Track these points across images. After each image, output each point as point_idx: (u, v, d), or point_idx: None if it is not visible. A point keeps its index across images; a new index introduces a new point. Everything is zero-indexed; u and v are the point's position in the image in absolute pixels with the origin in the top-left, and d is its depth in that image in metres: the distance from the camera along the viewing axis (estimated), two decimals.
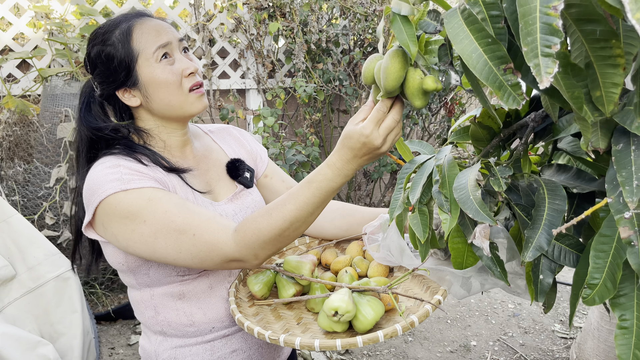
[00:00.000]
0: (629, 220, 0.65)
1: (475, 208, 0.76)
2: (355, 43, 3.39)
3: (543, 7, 0.51)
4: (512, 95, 0.58)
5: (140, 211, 0.92)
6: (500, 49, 0.59)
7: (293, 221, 0.89)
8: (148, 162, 1.01)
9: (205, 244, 0.91)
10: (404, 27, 0.69)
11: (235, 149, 1.21)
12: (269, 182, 1.24)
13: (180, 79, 1.02)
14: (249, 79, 3.34)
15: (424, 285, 1.03)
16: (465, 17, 0.61)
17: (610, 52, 0.58)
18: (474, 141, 0.90)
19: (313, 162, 2.76)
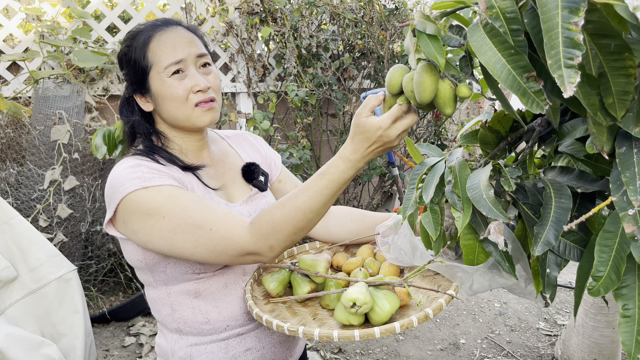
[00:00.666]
0: (632, 217, 0.71)
1: (489, 206, 0.81)
2: (345, 48, 3.45)
3: (565, 23, 0.57)
4: (536, 101, 0.64)
5: (159, 207, 0.95)
6: (522, 59, 0.64)
7: (306, 211, 0.92)
8: (165, 162, 1.06)
9: (221, 238, 0.94)
10: (430, 42, 0.74)
11: (250, 153, 1.25)
12: (282, 187, 1.28)
13: (187, 95, 1.04)
14: (240, 82, 3.37)
15: (435, 284, 1.07)
16: (487, 30, 0.67)
17: (623, 63, 0.65)
18: (481, 144, 0.96)
19: (305, 166, 2.80)
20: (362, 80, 3.54)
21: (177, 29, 1.07)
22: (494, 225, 0.80)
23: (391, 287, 1.00)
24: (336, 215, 1.30)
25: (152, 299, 1.11)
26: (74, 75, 2.79)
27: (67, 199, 2.55)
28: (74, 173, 2.58)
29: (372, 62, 3.40)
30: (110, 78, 2.90)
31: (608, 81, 0.67)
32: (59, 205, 2.49)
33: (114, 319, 2.72)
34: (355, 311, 0.91)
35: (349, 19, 3.32)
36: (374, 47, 3.26)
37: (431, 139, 3.45)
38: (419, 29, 0.74)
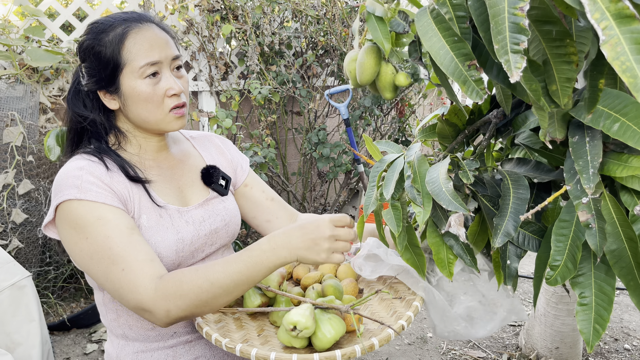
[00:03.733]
0: (586, 205, 0.72)
1: (448, 199, 0.81)
2: (308, 45, 3.43)
3: (511, 8, 0.56)
4: (476, 89, 0.64)
5: (85, 227, 0.92)
6: (465, 47, 0.64)
7: (215, 285, 0.89)
8: (113, 167, 1.01)
9: (128, 283, 0.90)
10: (378, 25, 0.73)
11: (214, 156, 1.21)
12: (248, 192, 1.24)
13: (161, 99, 1.01)
14: (202, 81, 3.32)
15: (390, 310, 1.04)
16: (434, 16, 0.66)
17: (565, 50, 0.65)
18: (440, 138, 0.96)
19: (270, 164, 2.77)
20: (326, 78, 3.53)
21: (153, 28, 1.02)
22: (454, 218, 0.80)
23: (339, 311, 0.96)
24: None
25: (98, 303, 1.09)
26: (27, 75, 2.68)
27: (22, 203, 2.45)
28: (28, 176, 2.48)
29: (335, 59, 3.40)
30: (66, 77, 2.80)
31: (551, 68, 0.67)
32: (13, 210, 2.39)
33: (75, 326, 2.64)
34: (296, 335, 0.88)
35: (311, 16, 3.31)
36: (337, 44, 3.25)
37: (395, 135, 3.47)
38: (369, 11, 0.73)
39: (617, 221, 0.73)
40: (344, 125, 3.52)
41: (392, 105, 3.36)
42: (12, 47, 2.61)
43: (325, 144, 3.14)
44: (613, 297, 0.76)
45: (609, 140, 0.73)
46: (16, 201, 2.42)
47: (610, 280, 0.76)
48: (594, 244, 0.70)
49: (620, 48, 0.48)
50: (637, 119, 0.66)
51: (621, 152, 0.71)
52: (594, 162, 0.70)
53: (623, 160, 0.70)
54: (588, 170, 0.70)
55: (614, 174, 0.70)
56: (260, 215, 1.24)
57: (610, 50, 0.48)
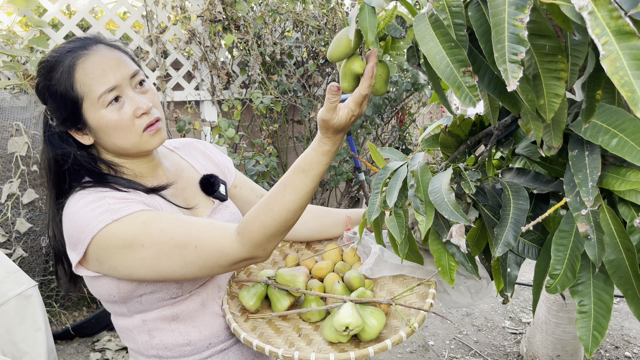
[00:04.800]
0: (585, 216, 0.74)
1: (450, 209, 0.83)
2: (309, 55, 3.47)
3: (511, 19, 0.58)
4: (469, 95, 0.65)
5: (136, 237, 0.90)
6: (461, 53, 0.65)
7: (296, 210, 0.89)
8: (126, 188, 0.98)
9: (209, 253, 0.90)
10: (368, 15, 0.73)
11: (204, 163, 1.20)
12: (238, 192, 1.25)
13: (131, 122, 0.96)
14: (204, 90, 3.35)
15: (408, 286, 1.09)
16: (432, 21, 0.68)
17: (555, 65, 0.67)
18: (442, 148, 0.98)
19: (272, 173, 2.80)
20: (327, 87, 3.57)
21: (100, 50, 0.96)
22: (455, 228, 0.82)
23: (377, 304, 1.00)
24: None
25: (124, 328, 1.05)
26: (32, 85, 2.71)
27: (26, 212, 2.47)
28: (32, 186, 2.50)
29: (335, 68, 3.43)
30: None
31: (541, 82, 0.69)
32: (17, 219, 2.41)
33: (78, 334, 2.65)
34: (347, 334, 0.93)
35: (312, 26, 3.35)
36: None
37: (396, 143, 3.50)
38: (365, 2, 0.73)
39: (615, 232, 0.75)
40: None
41: (393, 113, 3.39)
42: (16, 57, 2.64)
43: None
44: (611, 305, 0.78)
45: (608, 154, 0.76)
46: (20, 210, 2.44)
47: (609, 289, 0.78)
48: (592, 254, 0.72)
49: (619, 63, 0.50)
50: (634, 135, 0.68)
51: (620, 166, 0.73)
52: (593, 175, 0.72)
53: (621, 174, 0.72)
54: (587, 184, 0.72)
55: (613, 187, 0.72)
56: None
57: (609, 65, 0.50)
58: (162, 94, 3.19)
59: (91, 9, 3.02)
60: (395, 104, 3.30)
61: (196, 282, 1.03)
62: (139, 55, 3.11)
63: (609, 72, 0.50)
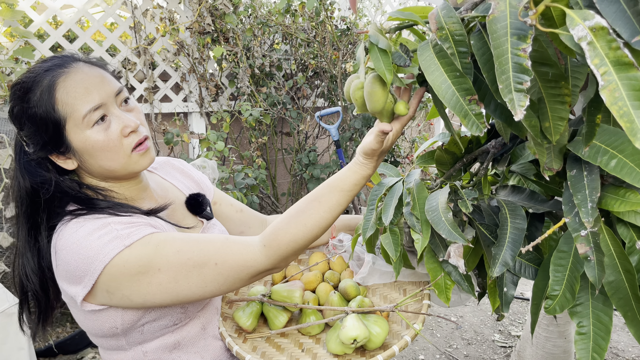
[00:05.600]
0: (585, 237, 0.73)
1: (448, 229, 0.82)
2: (298, 67, 3.46)
3: (514, 49, 0.58)
4: (476, 123, 0.65)
5: (151, 261, 0.85)
6: (466, 82, 0.66)
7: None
8: (124, 213, 0.92)
9: (231, 269, 0.88)
10: (381, 57, 0.75)
11: (185, 182, 1.17)
12: (218, 209, 1.22)
13: (119, 142, 0.91)
14: (192, 102, 3.32)
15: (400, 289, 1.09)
16: (436, 51, 0.68)
17: (559, 91, 0.67)
18: (437, 165, 0.98)
19: (261, 185, 2.77)
20: (316, 99, 3.56)
21: (80, 68, 0.91)
22: (453, 248, 0.81)
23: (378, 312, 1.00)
24: None
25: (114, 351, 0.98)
26: None
27: (9, 226, 2.41)
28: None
29: (325, 81, 3.43)
30: None
31: (545, 106, 0.69)
32: (0, 233, 2.35)
33: (62, 351, 2.58)
34: (355, 345, 0.93)
35: (302, 39, 3.35)
36: (327, 66, 3.29)
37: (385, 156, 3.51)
38: (372, 41, 0.75)
39: (614, 253, 0.74)
40: (334, 146, 3.54)
41: None
42: (1, 68, 2.60)
43: (315, 165, 3.15)
44: (611, 327, 0.77)
45: (606, 174, 0.75)
46: (3, 224, 2.38)
47: (608, 310, 0.77)
48: (592, 276, 0.71)
49: (618, 93, 0.49)
50: (634, 156, 0.68)
51: (619, 187, 0.73)
52: (592, 196, 0.71)
53: (621, 195, 0.72)
54: (587, 204, 0.71)
55: (612, 208, 0.72)
56: (233, 228, 1.23)
57: (608, 96, 0.50)
58: (149, 105, 3.16)
59: (78, 20, 2.99)
60: None
61: (199, 304, 1.00)
62: (126, 67, 3.08)
63: (607, 103, 0.50)
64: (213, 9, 3.13)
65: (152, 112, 3.17)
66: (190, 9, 3.16)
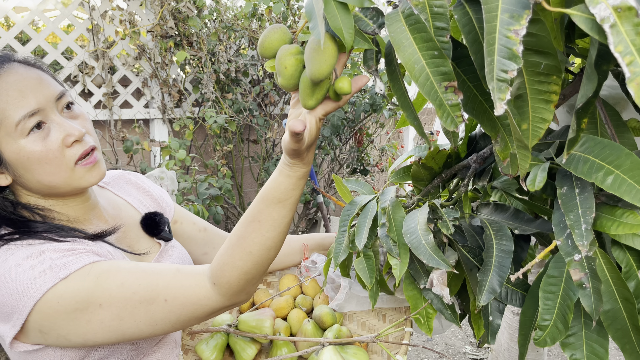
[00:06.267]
0: (579, 262, 0.66)
1: (429, 253, 0.74)
2: (265, 73, 3.37)
3: (503, 29, 0.48)
4: (451, 115, 0.55)
5: (91, 295, 0.73)
6: (445, 65, 0.55)
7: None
8: (65, 237, 0.80)
9: (183, 306, 0.77)
10: (339, 13, 0.57)
11: (141, 199, 1.05)
12: (180, 228, 1.10)
13: (60, 153, 0.80)
14: (154, 108, 3.19)
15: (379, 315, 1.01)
16: (410, 23, 0.56)
17: (547, 87, 0.57)
18: (414, 181, 0.90)
19: (226, 195, 2.66)
20: (284, 106, 3.47)
21: (15, 69, 0.80)
22: (436, 275, 0.73)
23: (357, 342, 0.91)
24: None
25: None
26: None
27: None
28: None
29: None
30: None
31: (527, 104, 0.59)
32: None
33: None
34: None
35: None
36: None
37: (354, 164, 3.43)
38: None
39: (610, 279, 0.68)
40: None
41: (351, 134, 3.33)
42: None
43: None
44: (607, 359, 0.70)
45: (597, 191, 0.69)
46: None
47: (603, 342, 0.70)
48: (589, 305, 0.64)
49: None
50: (632, 172, 0.61)
51: (614, 206, 0.66)
52: (586, 216, 0.64)
53: (617, 216, 0.65)
54: (580, 226, 0.64)
55: (609, 230, 0.65)
56: (196, 249, 1.12)
57: (637, 90, 0.41)
58: (108, 111, 3.01)
59: (31, 21, 2.82)
60: (353, 125, 3.24)
61: (153, 339, 0.89)
62: (83, 71, 2.93)
63: (636, 97, 0.42)
64: (176, 11, 3.01)
65: (112, 119, 3.02)
66: (152, 12, 3.03)
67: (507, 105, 0.50)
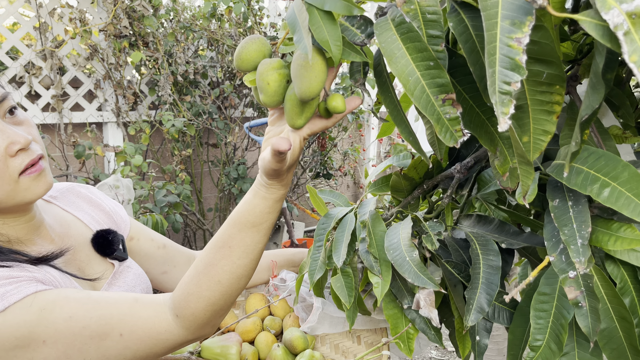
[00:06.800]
0: (574, 280, 0.62)
1: (414, 271, 0.69)
2: (225, 75, 3.27)
3: (504, 37, 0.44)
4: (450, 130, 0.51)
5: (33, 331, 0.65)
6: (442, 75, 0.51)
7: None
8: (4, 262, 0.72)
9: (140, 341, 0.69)
10: (324, 23, 0.52)
11: (93, 214, 0.95)
12: (136, 245, 1.00)
13: (3, 164, 0.72)
14: (107, 111, 3.04)
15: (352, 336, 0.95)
16: (402, 31, 0.52)
17: (549, 97, 0.53)
18: (393, 192, 0.85)
19: (185, 202, 2.55)
20: (245, 109, 3.38)
21: None
22: (423, 296, 0.68)
23: None
24: None
25: None
26: None
27: None
28: None
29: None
30: None
31: (527, 116, 0.55)
32: None
33: None
34: None
35: (228, 45, 3.17)
36: None
37: (317, 168, 3.38)
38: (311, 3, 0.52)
39: (605, 296, 0.64)
40: None
41: (314, 138, 3.27)
42: None
43: (245, 179, 2.97)
44: None
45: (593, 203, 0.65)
46: None
47: None
48: (586, 326, 0.61)
49: None
50: (630, 184, 0.57)
51: (609, 219, 0.63)
52: (582, 231, 0.61)
53: (614, 230, 0.62)
54: (576, 241, 0.60)
55: (605, 246, 0.61)
56: (154, 268, 1.03)
57: None
58: (58, 114, 2.85)
59: None
60: None
61: None
62: (30, 72, 2.75)
63: None
64: (130, 10, 2.88)
65: (61, 122, 2.86)
66: (105, 10, 2.89)
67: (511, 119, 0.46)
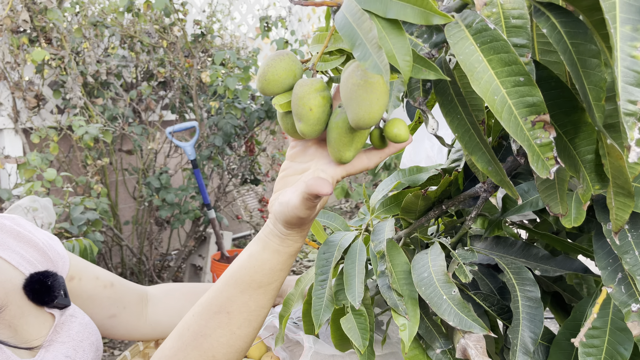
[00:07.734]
0: (638, 313, 0.55)
1: (456, 312, 0.59)
2: (142, 76, 3.01)
3: (626, 46, 0.37)
4: (541, 158, 0.42)
5: None
6: (532, 93, 0.42)
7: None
8: None
9: None
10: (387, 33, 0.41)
11: (23, 253, 0.75)
12: (77, 286, 0.82)
13: None
14: (3, 116, 2.68)
15: None
16: (482, 40, 0.43)
17: None
18: (403, 213, 0.74)
19: (104, 218, 2.29)
20: (162, 112, 3.13)
21: None
22: (472, 343, 0.58)
23: None
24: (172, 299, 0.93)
25: None
26: None
27: None
28: None
29: (174, 91, 3.02)
30: None
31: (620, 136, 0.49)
32: None
33: None
34: None
35: (145, 43, 2.91)
36: (180, 76, 2.89)
37: (246, 174, 3.21)
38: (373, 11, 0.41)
39: None
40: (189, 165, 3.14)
41: (242, 143, 3.10)
42: None
43: (168, 189, 2.74)
44: None
45: None
46: None
47: None
48: None
49: None
50: None
51: None
52: None
53: None
54: None
55: None
56: (100, 311, 0.85)
57: None
58: None
59: None
60: (244, 133, 3.02)
61: None
62: None
63: None
64: (30, 2, 2.54)
65: None
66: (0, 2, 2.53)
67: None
